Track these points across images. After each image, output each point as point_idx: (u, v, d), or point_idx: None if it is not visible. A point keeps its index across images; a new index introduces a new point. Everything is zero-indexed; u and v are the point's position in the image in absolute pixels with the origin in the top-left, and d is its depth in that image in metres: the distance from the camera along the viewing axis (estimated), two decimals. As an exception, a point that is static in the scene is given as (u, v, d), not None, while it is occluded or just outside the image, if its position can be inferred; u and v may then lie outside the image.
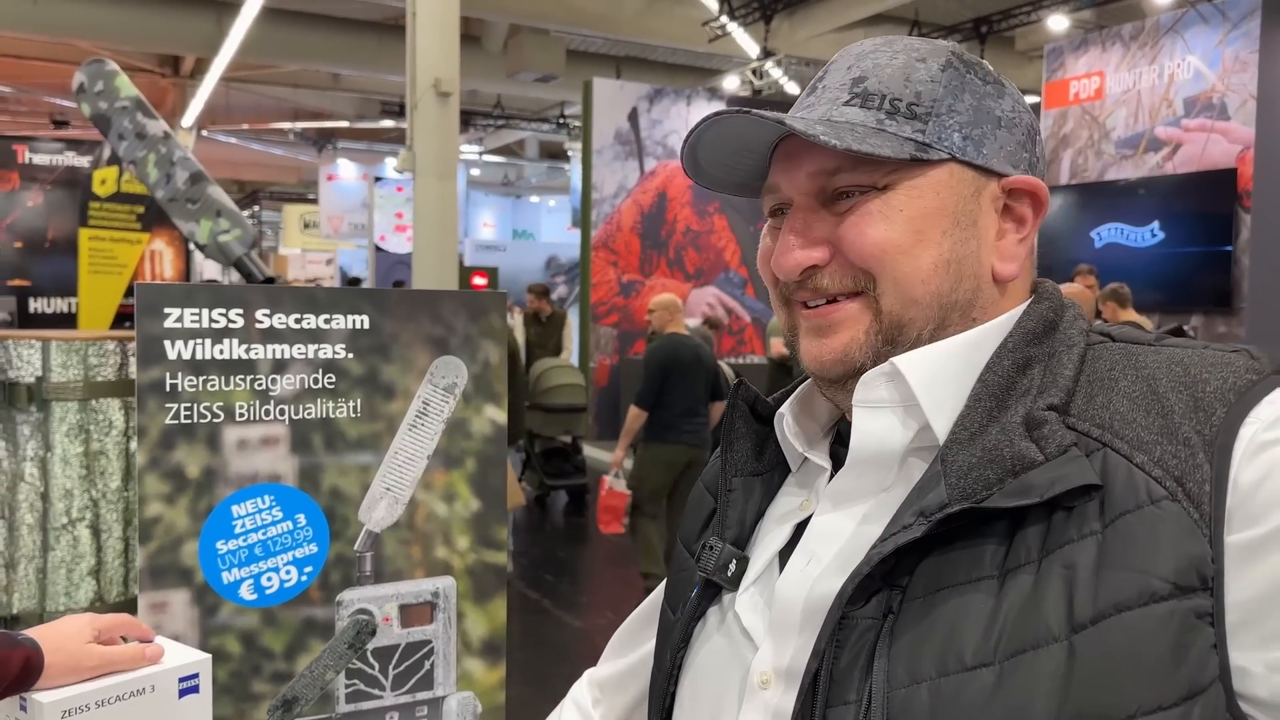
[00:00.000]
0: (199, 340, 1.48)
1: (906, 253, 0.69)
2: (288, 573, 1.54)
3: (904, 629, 0.62)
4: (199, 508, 1.49)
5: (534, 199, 22.98)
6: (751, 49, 11.29)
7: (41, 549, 1.61)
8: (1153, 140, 7.91)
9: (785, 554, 0.75)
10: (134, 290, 1.45)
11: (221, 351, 1.49)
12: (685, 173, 0.78)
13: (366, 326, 1.58)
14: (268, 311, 1.52)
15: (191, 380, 1.48)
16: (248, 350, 1.51)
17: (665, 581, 0.88)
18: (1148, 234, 7.84)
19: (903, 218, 0.69)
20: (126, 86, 2.02)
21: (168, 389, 1.47)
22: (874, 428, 0.70)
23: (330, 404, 1.56)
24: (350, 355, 1.57)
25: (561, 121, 16.42)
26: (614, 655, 1.02)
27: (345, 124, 16.70)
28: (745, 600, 0.76)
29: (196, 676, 1.10)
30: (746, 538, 0.79)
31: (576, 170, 11.59)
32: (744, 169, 0.79)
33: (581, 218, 10.36)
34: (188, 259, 7.45)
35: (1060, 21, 9.92)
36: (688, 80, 13.48)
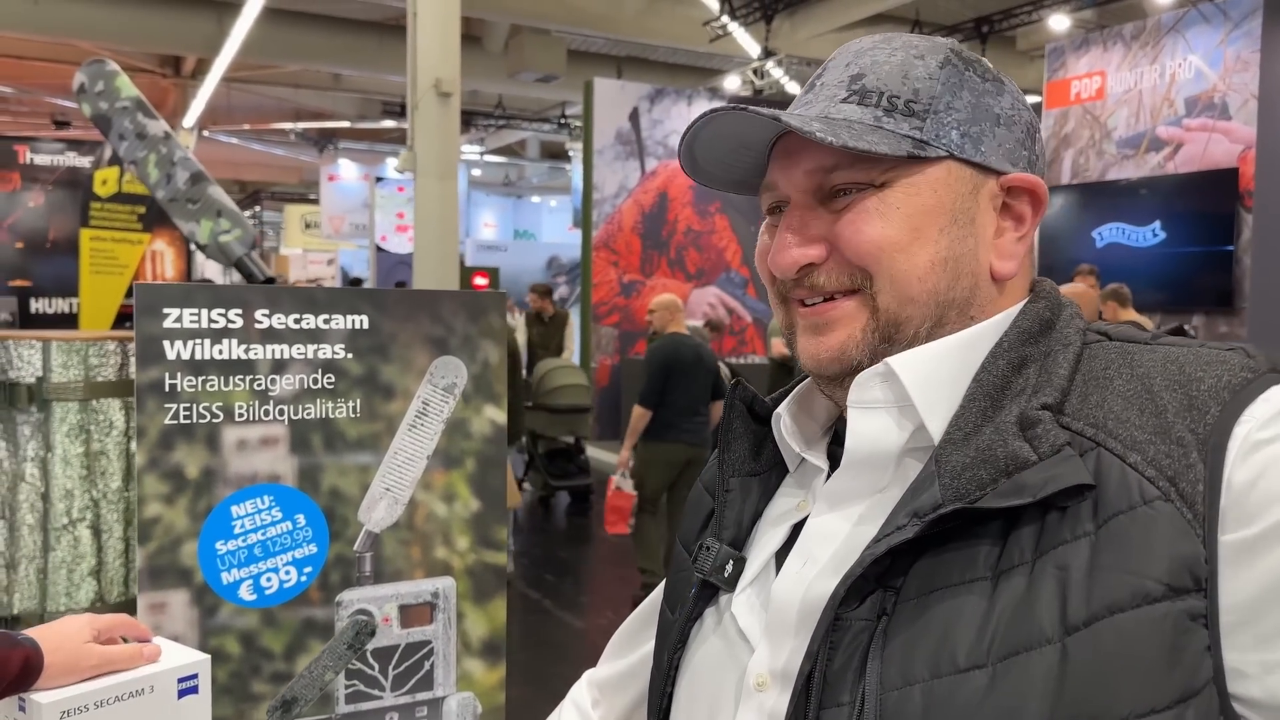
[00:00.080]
0: (198, 340, 1.48)
1: (903, 250, 0.69)
2: (287, 573, 1.54)
3: (897, 630, 0.62)
4: (198, 508, 1.49)
5: (535, 199, 22.99)
6: (752, 49, 11.29)
7: (42, 549, 1.61)
8: (1154, 140, 7.90)
9: (782, 555, 0.75)
10: (132, 290, 1.45)
11: (221, 352, 1.49)
12: (683, 169, 0.78)
13: (366, 326, 1.58)
14: (267, 312, 1.52)
15: (191, 380, 1.48)
16: (247, 350, 1.51)
17: (664, 582, 0.88)
18: (1149, 234, 7.84)
19: (900, 215, 0.69)
20: (127, 87, 2.02)
21: (167, 389, 1.47)
22: (869, 429, 0.70)
23: (330, 404, 1.56)
24: (350, 355, 1.57)
25: (562, 121, 16.42)
26: (613, 656, 1.01)
27: (346, 124, 16.72)
28: (742, 601, 0.76)
29: (196, 677, 1.10)
30: (744, 538, 0.79)
31: (577, 170, 11.59)
32: (742, 166, 0.78)
33: (583, 218, 10.36)
34: (189, 259, 7.45)
35: (1061, 21, 9.92)
36: (689, 80, 13.48)
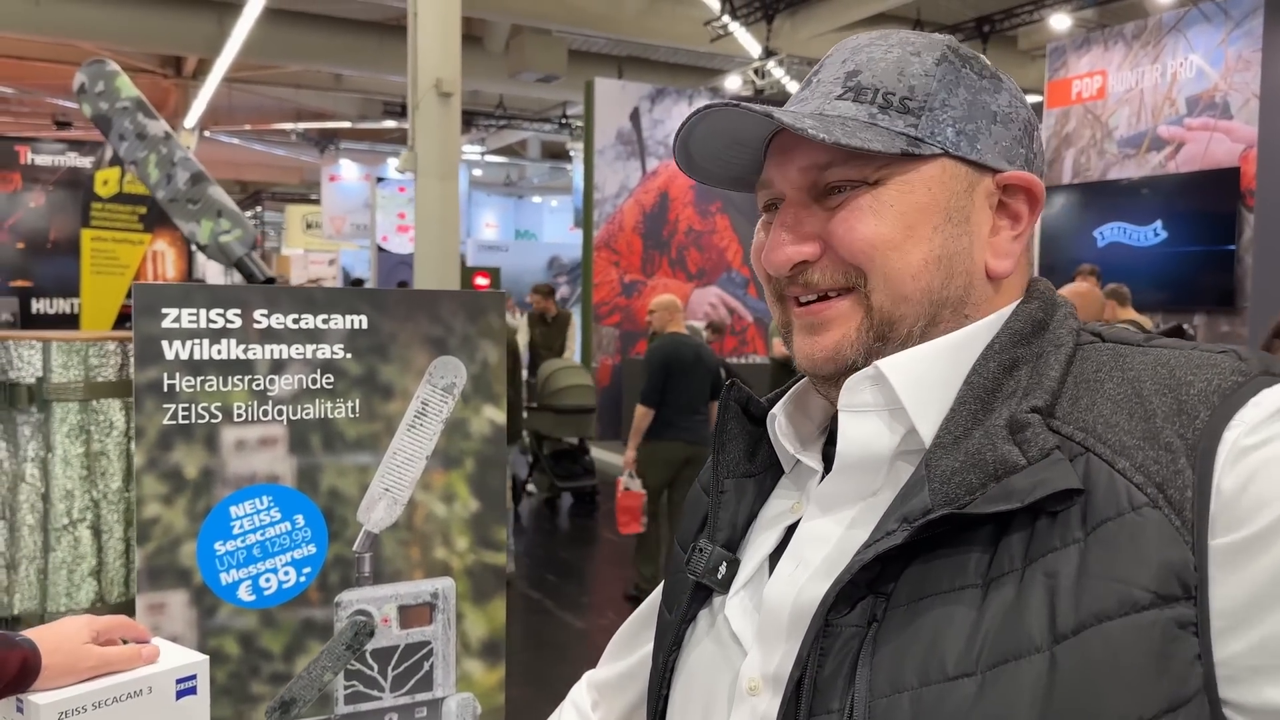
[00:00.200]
0: (197, 340, 1.48)
1: (897, 248, 0.69)
2: (286, 574, 1.54)
3: (887, 637, 0.62)
4: (197, 508, 1.49)
5: (536, 199, 22.99)
6: (753, 49, 11.28)
7: (42, 550, 1.61)
8: (1155, 139, 7.89)
9: (776, 557, 0.74)
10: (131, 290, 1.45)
11: (219, 352, 1.49)
12: (677, 165, 0.78)
13: (365, 327, 1.58)
14: (265, 312, 1.52)
15: (189, 381, 1.48)
16: (246, 350, 1.51)
17: (663, 583, 0.88)
18: (1150, 233, 7.83)
19: (894, 213, 0.69)
20: (127, 87, 2.02)
21: (165, 389, 1.46)
22: (860, 433, 0.70)
23: (328, 404, 1.56)
24: (348, 355, 1.57)
25: (563, 121, 16.42)
26: (613, 657, 1.01)
27: (347, 124, 16.72)
28: (735, 604, 0.75)
29: (194, 678, 1.10)
30: (738, 540, 0.79)
31: (578, 170, 11.59)
32: (739, 163, 0.78)
33: (584, 218, 10.35)
34: (189, 260, 7.46)
35: (1062, 20, 9.91)
36: (690, 80, 13.48)
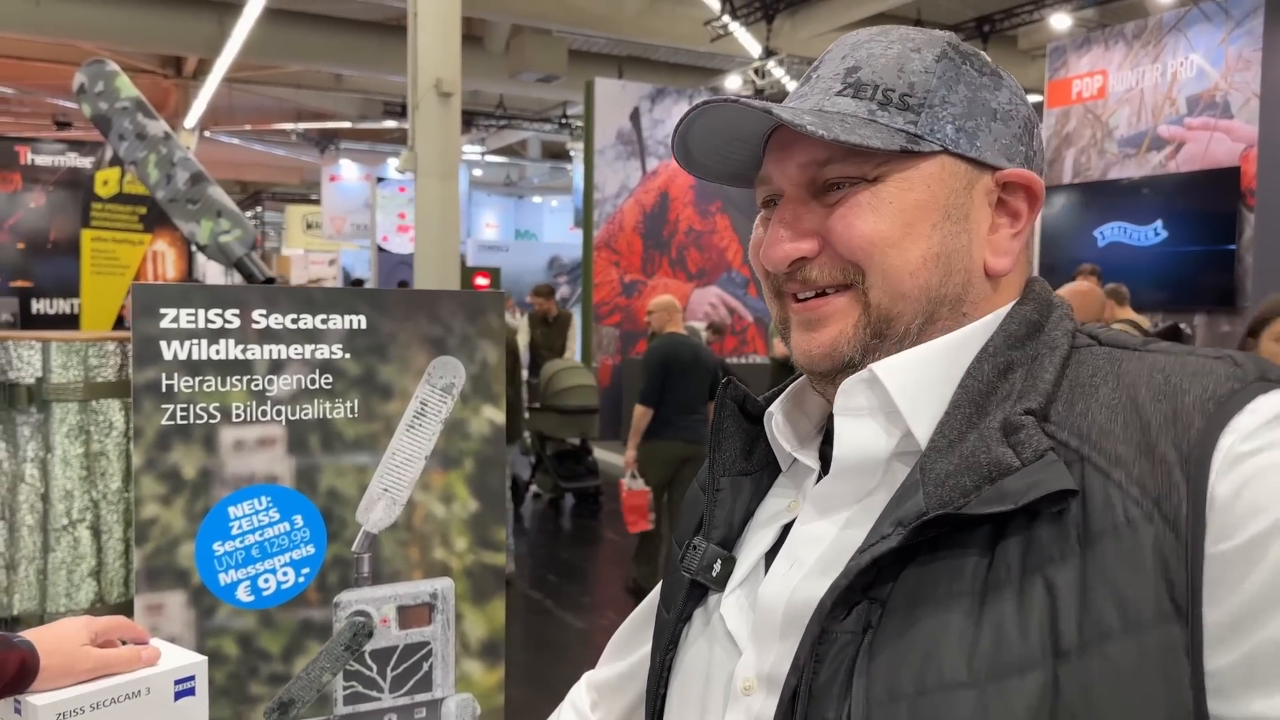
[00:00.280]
0: (195, 341, 1.47)
1: (895, 245, 0.68)
2: (285, 574, 1.54)
3: (883, 644, 0.61)
4: (195, 509, 1.49)
5: (536, 199, 23.00)
6: (754, 48, 11.28)
7: (42, 550, 1.61)
8: (1156, 139, 7.89)
9: (772, 556, 0.74)
10: (130, 291, 1.45)
11: (218, 352, 1.49)
12: (676, 161, 0.78)
13: (363, 327, 1.57)
14: (264, 312, 1.51)
15: (188, 381, 1.47)
16: (244, 351, 1.50)
17: (662, 581, 0.88)
18: (1151, 233, 7.82)
19: (892, 210, 0.68)
20: (127, 87, 2.02)
21: (164, 390, 1.46)
22: (856, 437, 0.69)
23: (327, 404, 1.56)
24: (347, 355, 1.57)
25: (564, 121, 16.42)
26: (612, 658, 1.01)
27: (347, 124, 16.72)
28: (731, 603, 0.75)
29: (193, 679, 1.09)
30: (734, 538, 0.79)
31: (579, 170, 11.59)
32: (738, 159, 0.78)
33: (584, 218, 10.35)
34: (190, 260, 7.46)
35: (1063, 20, 9.90)
36: (690, 80, 13.48)
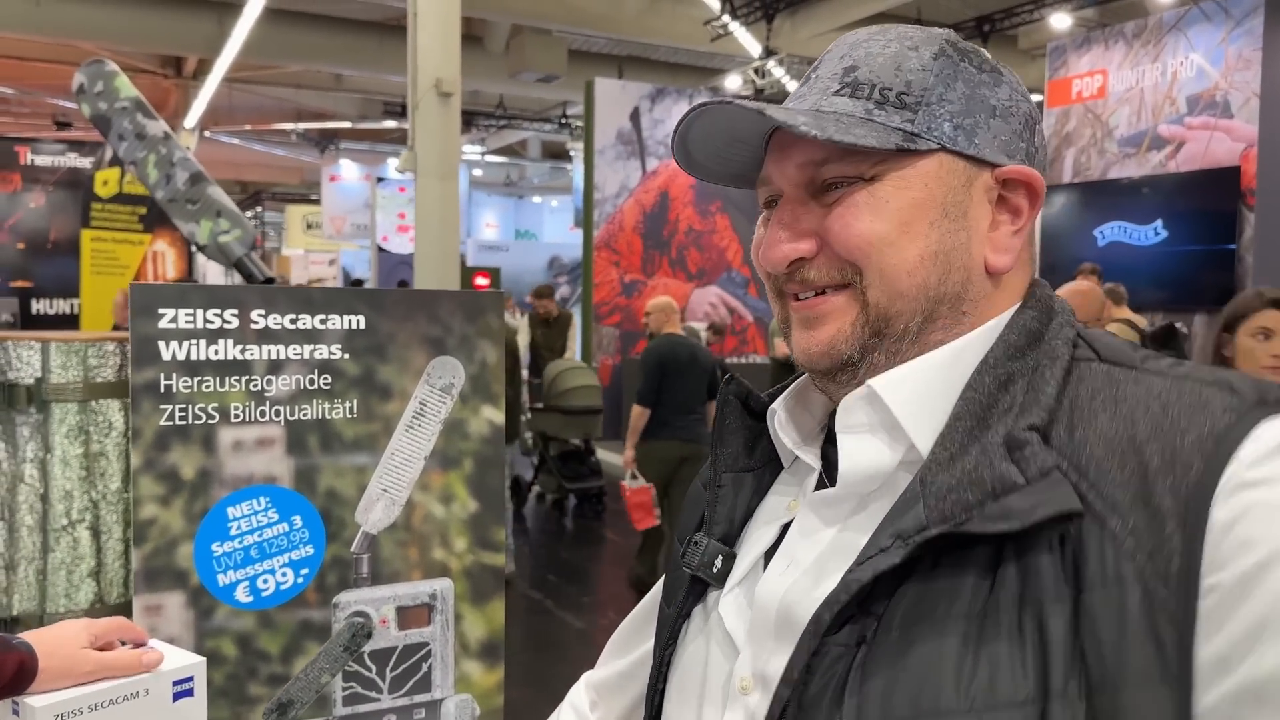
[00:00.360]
0: (194, 341, 1.47)
1: (892, 245, 0.68)
2: (284, 575, 1.53)
3: (878, 665, 0.61)
4: (194, 509, 1.49)
5: (536, 199, 23.00)
6: (754, 48, 11.28)
7: (41, 551, 1.61)
8: (1156, 138, 7.89)
9: (771, 555, 0.74)
10: (129, 291, 1.45)
11: (216, 352, 1.49)
12: (677, 163, 0.78)
13: (362, 327, 1.57)
14: (263, 312, 1.51)
15: (186, 381, 1.47)
16: (243, 351, 1.50)
17: (663, 578, 0.88)
18: (1151, 232, 7.82)
19: (889, 209, 0.68)
20: (126, 87, 2.01)
21: (162, 390, 1.46)
22: (861, 456, 0.69)
23: (326, 405, 1.55)
24: (346, 356, 1.56)
25: (564, 121, 16.42)
26: (611, 657, 1.01)
27: (347, 124, 16.73)
28: (729, 601, 0.75)
29: (191, 680, 1.09)
30: (735, 535, 0.79)
31: (579, 170, 11.59)
32: (739, 160, 0.78)
33: (584, 218, 10.36)
34: (190, 260, 7.46)
35: (1063, 20, 9.90)
36: (690, 80, 13.48)
